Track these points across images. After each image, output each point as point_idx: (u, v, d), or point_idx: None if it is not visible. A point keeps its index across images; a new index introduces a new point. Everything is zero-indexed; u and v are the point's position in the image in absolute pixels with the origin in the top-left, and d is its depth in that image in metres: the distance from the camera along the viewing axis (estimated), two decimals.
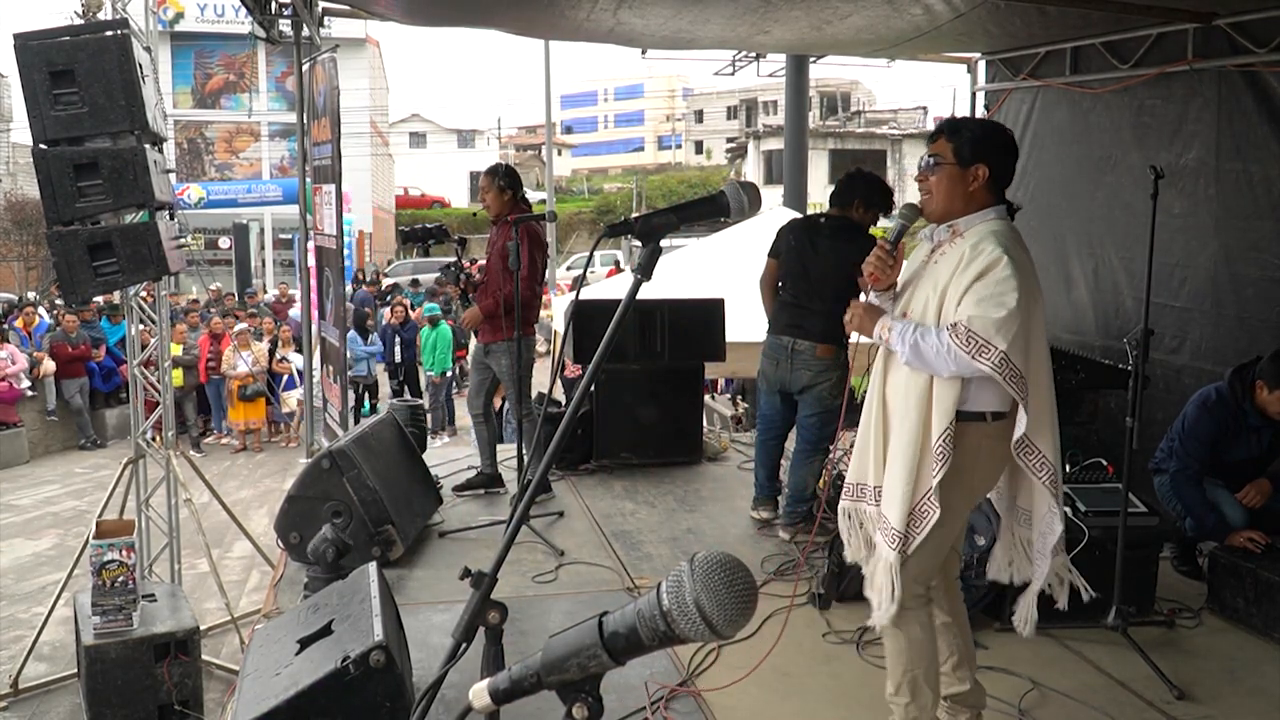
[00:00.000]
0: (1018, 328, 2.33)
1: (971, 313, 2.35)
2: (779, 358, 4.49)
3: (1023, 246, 2.46)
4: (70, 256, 4.42)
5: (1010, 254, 2.37)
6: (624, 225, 1.65)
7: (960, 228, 2.51)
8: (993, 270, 2.36)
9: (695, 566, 1.06)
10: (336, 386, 6.42)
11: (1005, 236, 2.43)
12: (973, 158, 2.49)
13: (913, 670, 2.56)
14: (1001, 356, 2.32)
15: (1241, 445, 4.03)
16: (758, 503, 4.79)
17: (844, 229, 4.43)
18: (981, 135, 2.54)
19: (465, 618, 1.47)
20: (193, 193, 23.97)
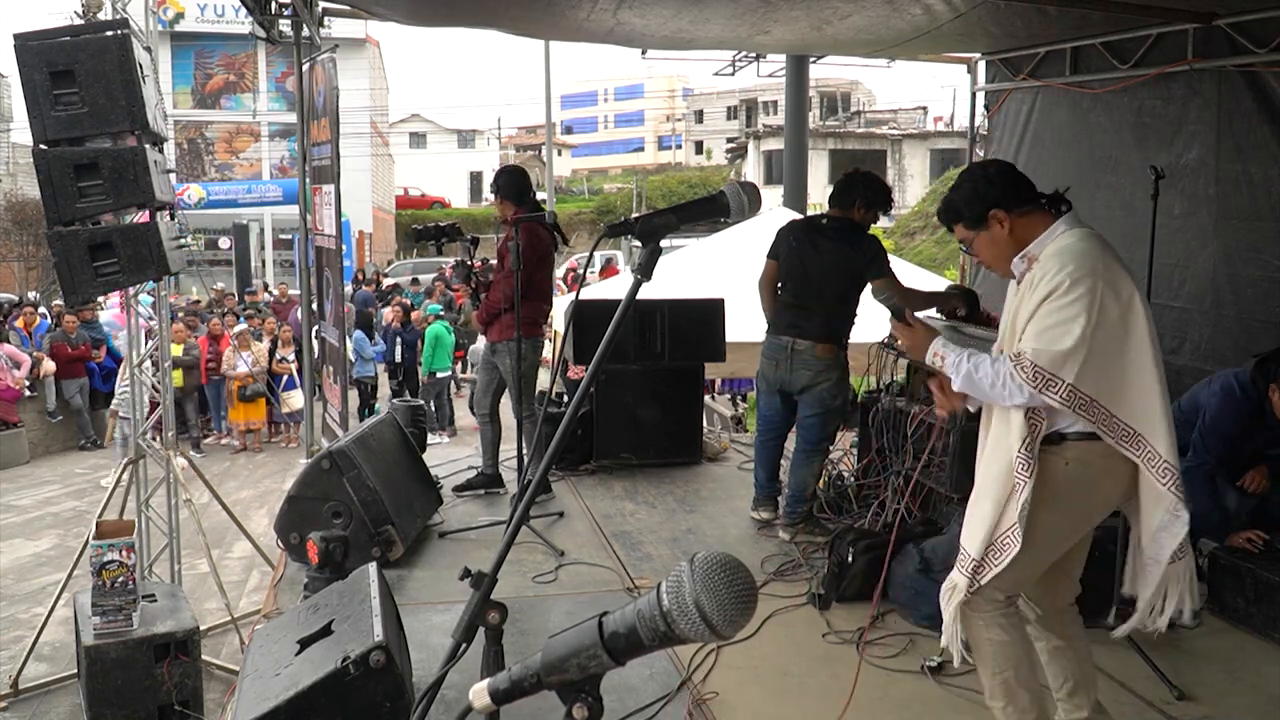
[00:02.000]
0: (1086, 354, 2.25)
1: (1035, 345, 2.28)
2: (779, 358, 4.49)
3: (1100, 249, 2.35)
4: (71, 257, 4.43)
5: (1076, 274, 2.27)
6: (624, 225, 1.65)
7: (1033, 253, 2.43)
8: (1056, 294, 2.28)
9: (695, 567, 1.06)
10: (337, 387, 6.42)
11: (1072, 252, 2.32)
12: (981, 216, 2.46)
13: (1003, 673, 2.46)
14: (1069, 389, 2.26)
15: (1255, 440, 3.97)
16: (758, 503, 4.79)
17: (845, 229, 4.44)
18: (969, 195, 2.48)
19: (465, 618, 1.47)
20: (193, 193, 23.98)
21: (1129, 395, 2.32)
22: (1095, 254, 2.33)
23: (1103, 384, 2.29)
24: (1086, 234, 2.40)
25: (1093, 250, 2.34)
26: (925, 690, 3.14)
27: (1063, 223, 2.43)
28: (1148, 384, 2.33)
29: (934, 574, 3.57)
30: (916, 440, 4.21)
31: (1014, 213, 2.44)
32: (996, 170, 2.53)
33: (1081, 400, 2.27)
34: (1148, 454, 2.33)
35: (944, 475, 4.06)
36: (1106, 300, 2.28)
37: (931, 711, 3.03)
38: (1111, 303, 2.29)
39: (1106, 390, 2.30)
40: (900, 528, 4.03)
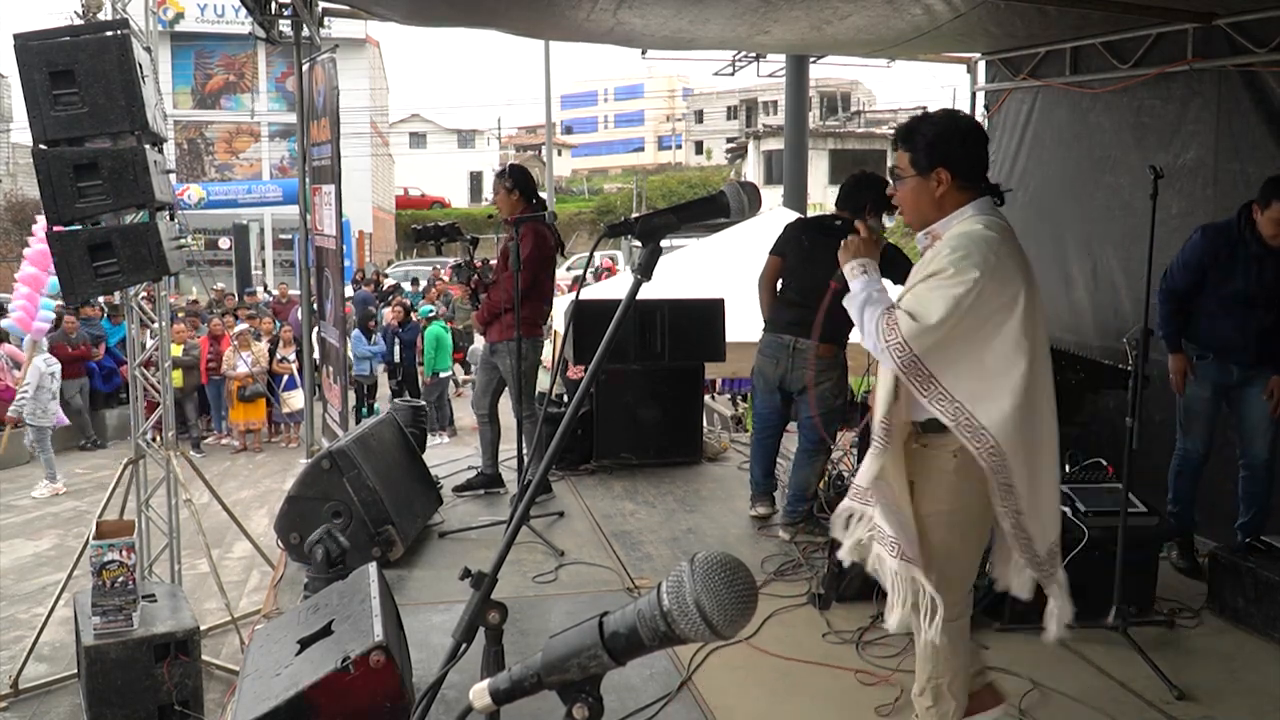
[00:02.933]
0: (942, 338, 2.27)
1: (907, 307, 2.32)
2: (779, 356, 4.49)
3: (1000, 243, 2.34)
4: (70, 257, 4.42)
5: (968, 261, 2.27)
6: (624, 225, 1.65)
7: (938, 231, 2.44)
8: (940, 275, 2.30)
9: (695, 567, 1.06)
10: (336, 387, 6.42)
11: (973, 240, 2.32)
12: (930, 164, 2.41)
13: (939, 678, 2.52)
14: (912, 359, 2.28)
15: (1239, 274, 3.97)
16: (755, 500, 4.81)
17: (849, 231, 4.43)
18: (934, 137, 2.41)
19: (465, 618, 1.47)
20: (193, 193, 23.99)
21: (980, 389, 2.31)
22: (993, 247, 2.33)
23: (953, 367, 2.31)
24: (994, 223, 2.39)
25: (992, 243, 2.33)
26: None
27: (973, 207, 2.42)
28: (1006, 385, 2.31)
29: None
30: None
31: (956, 181, 2.41)
32: (973, 136, 2.48)
33: (921, 374, 2.29)
34: (988, 447, 2.32)
35: None
36: (986, 294, 2.28)
37: None
38: (991, 297, 2.29)
39: (954, 374, 2.31)
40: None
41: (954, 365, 2.31)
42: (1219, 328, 4.09)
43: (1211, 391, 4.18)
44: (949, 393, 2.31)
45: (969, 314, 2.27)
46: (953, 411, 2.32)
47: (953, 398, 2.31)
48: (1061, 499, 3.62)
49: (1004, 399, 2.30)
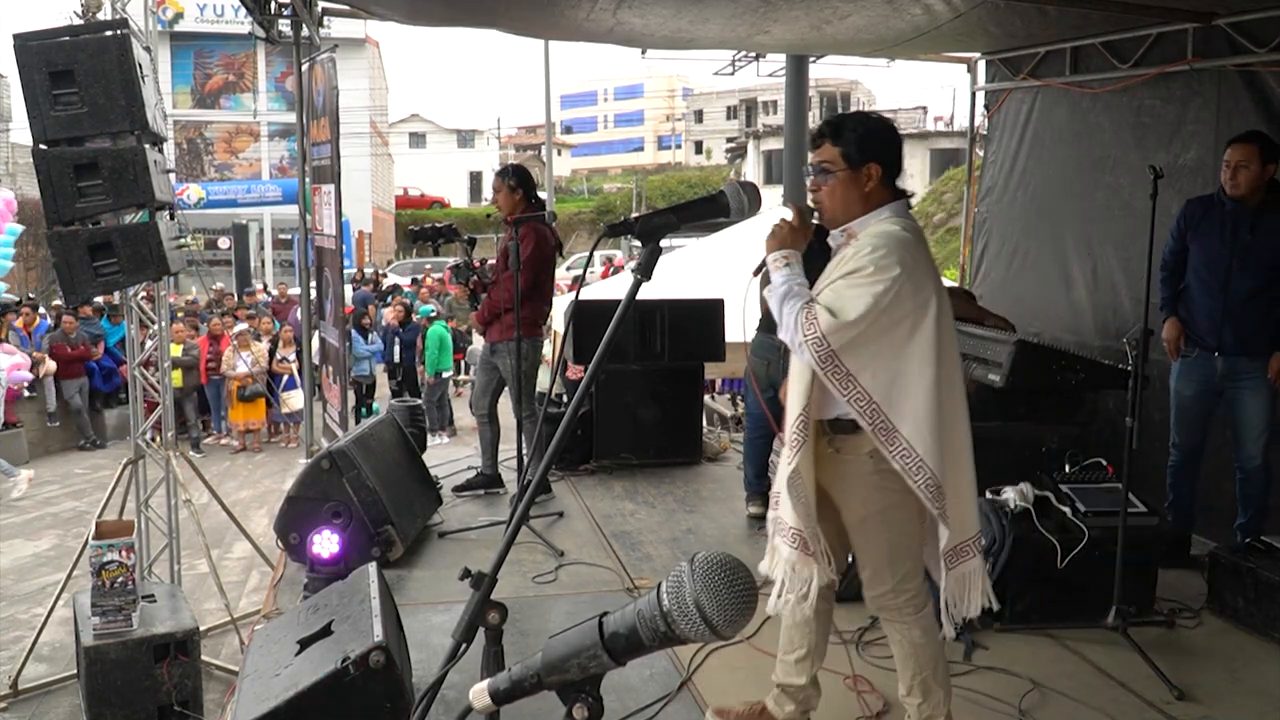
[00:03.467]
0: (861, 334, 2.29)
1: (826, 302, 2.33)
2: (770, 357, 4.49)
3: (915, 245, 2.38)
4: (70, 257, 4.42)
5: (886, 260, 2.30)
6: (624, 225, 1.65)
7: (855, 230, 2.46)
8: (859, 273, 2.32)
9: (695, 567, 1.06)
10: (336, 387, 6.41)
11: (891, 239, 2.34)
12: (862, 158, 2.41)
13: (922, 673, 2.55)
14: (830, 354, 2.30)
15: (1215, 234, 4.00)
16: (749, 499, 4.82)
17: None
18: (866, 132, 2.43)
19: (465, 618, 1.47)
20: (192, 193, 23.99)
21: (895, 387, 2.34)
22: (909, 247, 2.36)
23: (870, 366, 2.32)
24: (909, 226, 2.42)
25: (909, 244, 2.37)
26: None
27: (890, 208, 2.44)
28: (920, 386, 2.33)
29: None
30: None
31: (883, 179, 2.44)
32: (895, 137, 2.50)
33: (839, 371, 2.31)
34: (901, 448, 2.34)
35: None
36: (903, 293, 2.30)
37: None
38: (907, 298, 2.31)
39: (871, 372, 2.32)
40: None
41: (871, 365, 2.33)
42: (1197, 309, 4.13)
43: (1197, 389, 4.21)
44: (867, 393, 2.33)
45: (885, 313, 2.29)
46: (870, 413, 2.34)
47: (870, 398, 2.33)
48: (1063, 499, 3.65)
49: (919, 402, 2.33)
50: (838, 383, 2.33)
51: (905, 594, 2.52)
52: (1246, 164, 3.88)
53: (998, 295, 6.29)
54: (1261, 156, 3.87)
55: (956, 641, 3.42)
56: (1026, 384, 3.92)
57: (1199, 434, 4.27)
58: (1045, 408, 4.07)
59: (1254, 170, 3.87)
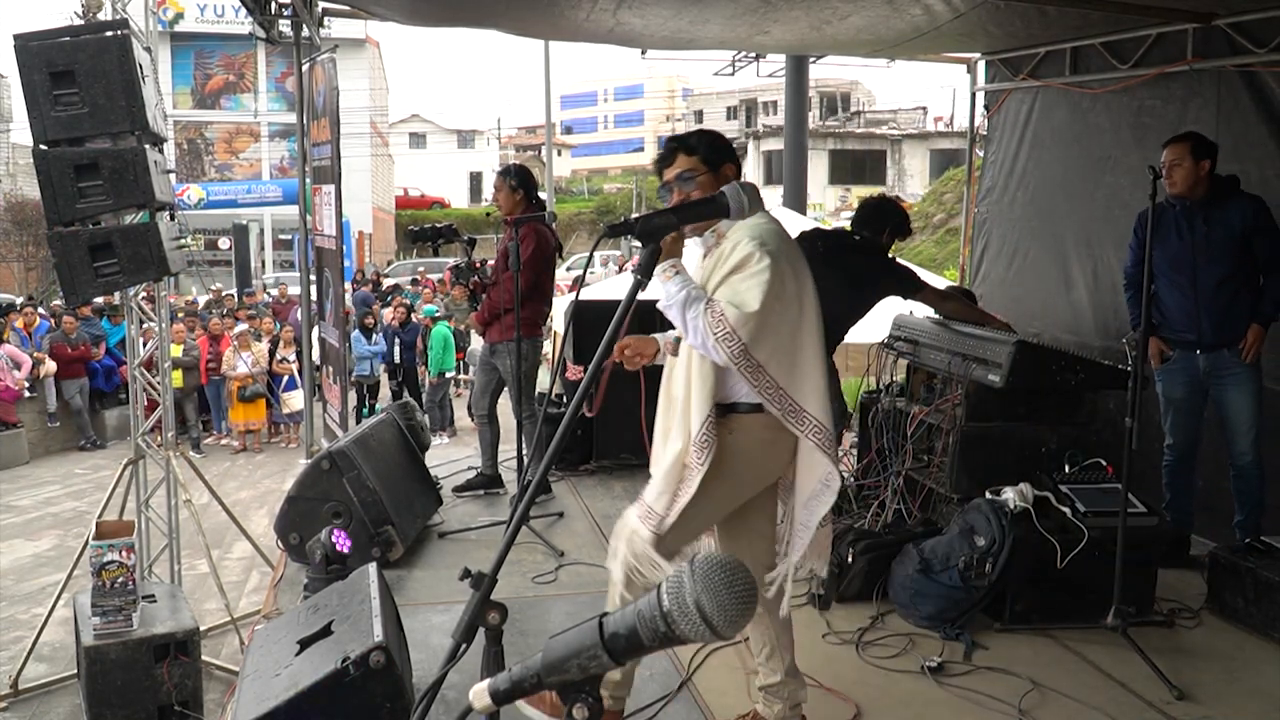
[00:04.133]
0: (762, 321, 2.36)
1: (725, 298, 2.39)
2: None
3: (783, 238, 2.49)
4: (71, 257, 4.42)
5: (766, 248, 2.39)
6: (624, 226, 1.65)
7: (723, 229, 2.54)
8: (747, 263, 2.39)
9: (695, 567, 1.06)
10: (336, 387, 6.42)
11: (762, 230, 2.45)
12: (719, 160, 2.56)
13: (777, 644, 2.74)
14: (742, 349, 2.36)
15: (1173, 235, 4.10)
16: None
17: (875, 252, 4.49)
18: (713, 139, 2.61)
19: (465, 618, 1.47)
20: (192, 193, 24.01)
21: (796, 370, 2.46)
22: (781, 236, 2.50)
23: (774, 354, 2.42)
24: (772, 218, 2.54)
25: (779, 232, 2.50)
26: (925, 690, 3.14)
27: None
28: (813, 363, 2.49)
29: (934, 574, 3.58)
30: (916, 440, 4.22)
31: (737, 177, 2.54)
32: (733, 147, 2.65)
33: (750, 363, 2.38)
34: (812, 426, 2.47)
35: (943, 475, 4.06)
36: (787, 277, 2.42)
37: (931, 711, 3.03)
38: (790, 280, 2.44)
39: (776, 361, 2.42)
40: (900, 528, 4.04)
41: (775, 354, 2.43)
42: (1171, 308, 4.19)
43: (1185, 390, 4.24)
44: (775, 380, 2.43)
45: (778, 299, 2.40)
46: (779, 400, 2.45)
47: (778, 385, 2.44)
48: (1063, 499, 3.65)
49: (816, 377, 2.48)
50: (750, 375, 2.41)
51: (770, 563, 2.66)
52: (1179, 162, 4.02)
53: (997, 295, 6.29)
54: (1193, 154, 4.00)
55: (956, 641, 3.43)
56: (1026, 384, 3.92)
57: (1192, 433, 4.29)
58: (1045, 408, 4.07)
59: (1187, 168, 4.01)
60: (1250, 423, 4.08)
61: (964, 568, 3.51)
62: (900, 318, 4.81)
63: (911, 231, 4.70)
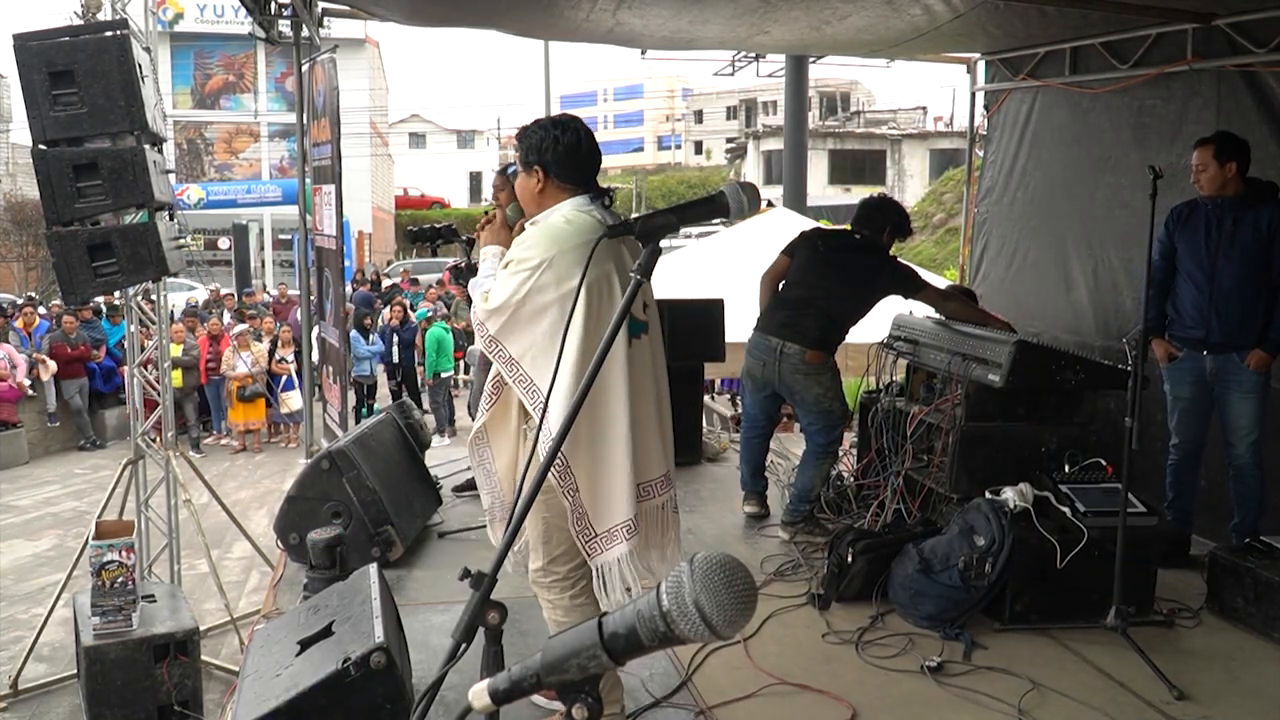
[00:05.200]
0: (509, 318, 2.47)
1: (486, 288, 2.55)
2: (765, 359, 4.46)
3: (572, 238, 2.48)
4: (70, 257, 4.42)
5: (530, 250, 2.47)
6: (624, 226, 1.65)
7: (527, 224, 2.65)
8: (512, 263, 2.50)
9: (695, 567, 1.06)
10: (336, 387, 6.41)
11: (547, 229, 2.51)
12: (528, 162, 2.62)
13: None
14: (492, 339, 2.52)
15: (1200, 229, 4.11)
16: (745, 499, 4.83)
17: (878, 251, 4.51)
18: (535, 139, 2.62)
19: (465, 618, 1.46)
20: (192, 193, 23.99)
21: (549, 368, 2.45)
22: (560, 239, 2.48)
23: (529, 350, 2.50)
24: (577, 219, 2.53)
25: (561, 235, 2.49)
26: (925, 690, 3.14)
27: (569, 204, 2.57)
28: (565, 372, 2.45)
29: (934, 574, 3.58)
30: (916, 440, 4.22)
31: (551, 178, 2.59)
32: (569, 140, 2.60)
33: (502, 354, 2.52)
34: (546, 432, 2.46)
35: (943, 475, 4.06)
36: (543, 281, 2.45)
37: (931, 711, 3.03)
38: (548, 286, 2.45)
39: (531, 357, 2.50)
40: (899, 528, 4.04)
41: (530, 350, 2.49)
42: (1184, 302, 4.18)
43: (1192, 389, 4.24)
44: (529, 375, 2.51)
45: (528, 300, 2.46)
46: (532, 395, 2.51)
47: (531, 381, 2.50)
48: (1063, 499, 3.65)
49: (564, 387, 2.45)
50: (503, 365, 2.53)
51: (554, 575, 2.68)
52: (1204, 166, 4.05)
53: (997, 295, 6.30)
54: (1217, 157, 4.01)
55: (956, 641, 3.43)
56: (1026, 384, 3.92)
57: (1199, 432, 4.29)
58: (1045, 408, 4.07)
59: (1212, 171, 4.03)
60: (1250, 428, 4.08)
61: (964, 567, 3.51)
62: (900, 317, 4.82)
63: (912, 231, 4.70)
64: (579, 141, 2.62)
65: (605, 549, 2.53)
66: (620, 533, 2.53)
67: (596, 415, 2.51)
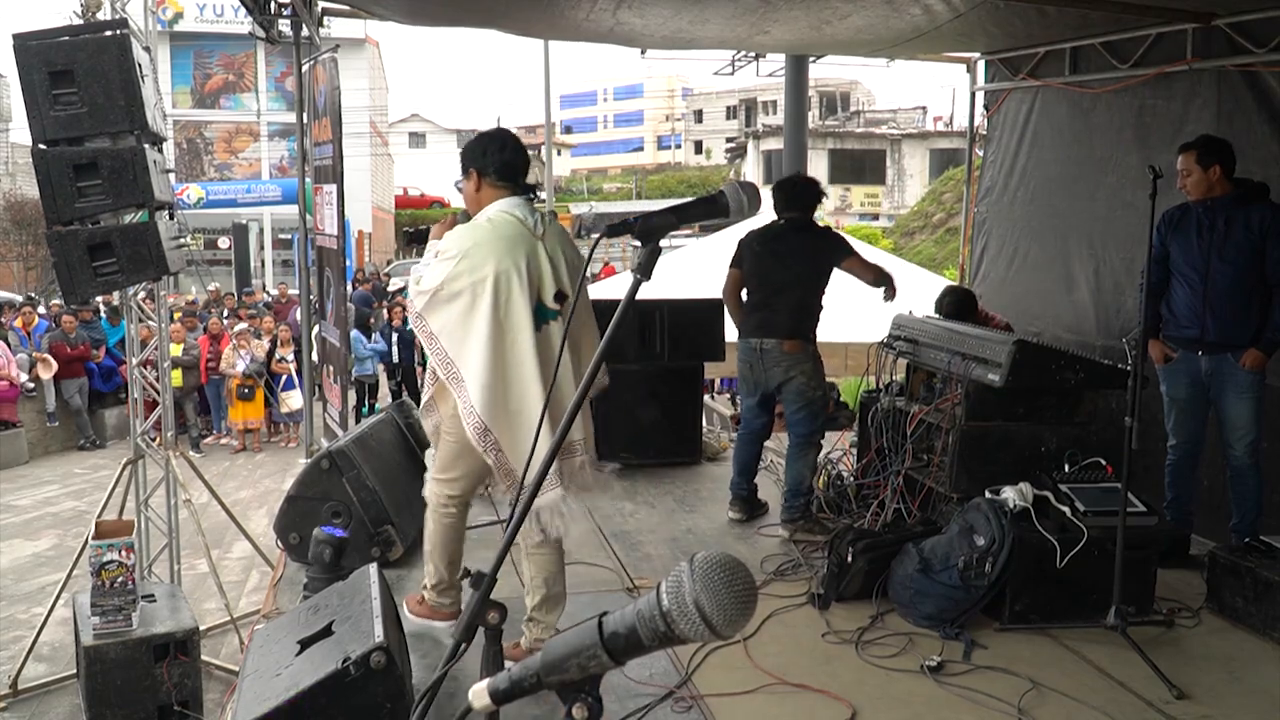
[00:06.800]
0: (431, 300, 2.93)
1: (419, 273, 3.01)
2: (751, 360, 4.60)
3: (490, 233, 2.94)
4: (70, 257, 4.42)
5: (450, 246, 2.93)
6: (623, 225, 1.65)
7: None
8: (439, 255, 2.96)
9: (695, 567, 1.06)
10: (337, 386, 6.41)
11: (469, 228, 2.99)
12: (465, 169, 3.08)
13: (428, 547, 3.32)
14: (418, 316, 2.99)
15: (1191, 230, 4.11)
16: (730, 503, 4.85)
17: (811, 228, 4.65)
18: (469, 148, 3.09)
19: (465, 618, 1.47)
20: (192, 193, 23.96)
21: (462, 350, 2.94)
22: (478, 235, 2.96)
23: (445, 328, 2.95)
24: (500, 216, 2.98)
25: (480, 231, 2.97)
26: (925, 689, 3.14)
27: (498, 204, 3.02)
28: (477, 349, 2.91)
29: (933, 574, 3.58)
30: (916, 440, 4.22)
31: (487, 180, 3.04)
32: (495, 147, 3.04)
33: (425, 330, 2.98)
34: (464, 401, 2.96)
35: (943, 474, 4.06)
36: (459, 270, 2.90)
37: (931, 710, 3.03)
38: (463, 274, 2.90)
39: (447, 334, 2.96)
40: (899, 527, 4.04)
41: (447, 328, 2.94)
42: (1179, 302, 4.18)
43: (1189, 390, 4.24)
44: (445, 350, 2.96)
45: (446, 285, 2.90)
46: (446, 367, 2.97)
47: (446, 355, 2.96)
48: (1062, 498, 3.65)
49: (476, 362, 2.91)
50: (425, 340, 3.00)
51: (444, 490, 3.23)
52: (1189, 171, 4.06)
53: (997, 295, 6.30)
54: (1200, 162, 4.03)
55: (956, 641, 3.43)
56: (1026, 384, 3.92)
57: (1196, 432, 4.29)
58: (1045, 407, 4.07)
59: (1197, 176, 4.04)
60: (1248, 428, 4.08)
61: (963, 567, 3.51)
62: (900, 317, 4.82)
63: (824, 193, 4.91)
64: (506, 146, 3.06)
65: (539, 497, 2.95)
66: (549, 484, 3.01)
67: (510, 389, 2.94)
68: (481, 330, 2.89)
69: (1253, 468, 4.11)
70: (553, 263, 3.00)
